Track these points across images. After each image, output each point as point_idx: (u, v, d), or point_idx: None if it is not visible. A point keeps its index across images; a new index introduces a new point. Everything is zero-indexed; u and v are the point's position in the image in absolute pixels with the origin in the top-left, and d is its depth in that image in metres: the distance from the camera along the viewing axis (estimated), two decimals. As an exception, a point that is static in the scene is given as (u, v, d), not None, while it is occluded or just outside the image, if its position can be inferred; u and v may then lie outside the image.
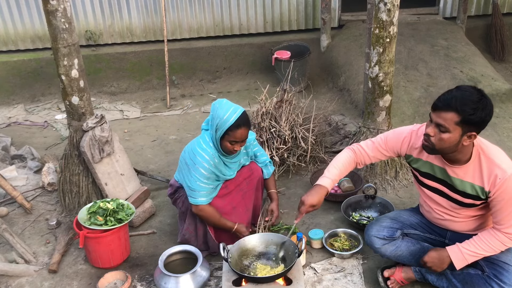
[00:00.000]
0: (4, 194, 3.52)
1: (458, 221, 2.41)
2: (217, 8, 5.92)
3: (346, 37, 5.78)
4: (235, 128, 2.56)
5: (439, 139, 2.11)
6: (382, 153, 2.49)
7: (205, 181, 2.66)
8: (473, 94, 2.05)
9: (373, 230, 2.58)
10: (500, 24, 6.04)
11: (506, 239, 2.20)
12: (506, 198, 2.13)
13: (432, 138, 2.13)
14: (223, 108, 2.59)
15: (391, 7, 3.19)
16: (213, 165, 2.67)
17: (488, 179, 2.16)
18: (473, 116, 2.02)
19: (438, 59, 5.06)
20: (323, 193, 2.39)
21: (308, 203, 2.34)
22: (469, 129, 2.06)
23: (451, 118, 2.04)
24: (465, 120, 2.03)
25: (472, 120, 2.03)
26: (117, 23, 5.85)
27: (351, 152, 2.53)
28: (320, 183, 2.41)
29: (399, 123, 4.03)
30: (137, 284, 2.74)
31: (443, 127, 2.07)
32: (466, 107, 2.02)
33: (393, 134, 2.48)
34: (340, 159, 2.50)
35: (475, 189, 2.22)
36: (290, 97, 3.92)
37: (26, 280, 2.81)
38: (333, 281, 2.69)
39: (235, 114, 2.56)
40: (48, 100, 5.55)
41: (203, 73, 5.90)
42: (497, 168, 2.13)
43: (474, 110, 2.02)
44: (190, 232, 2.86)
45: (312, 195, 2.37)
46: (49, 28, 2.92)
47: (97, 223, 2.79)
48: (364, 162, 2.53)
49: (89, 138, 3.09)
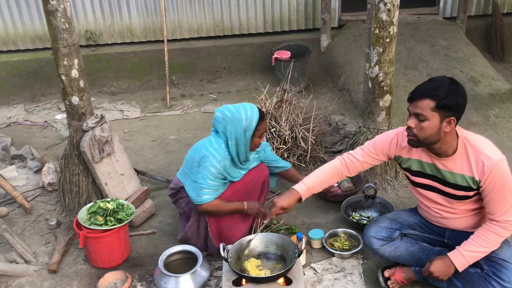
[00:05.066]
0: (4, 194, 3.52)
1: (456, 218, 2.42)
2: (217, 8, 5.92)
3: (346, 37, 5.78)
4: (261, 121, 2.67)
5: (420, 129, 2.16)
6: (372, 157, 2.52)
7: (213, 178, 2.67)
8: (444, 81, 2.15)
9: (371, 231, 2.59)
10: (500, 24, 6.04)
11: (501, 230, 2.21)
12: (497, 186, 2.17)
13: (414, 130, 2.19)
14: (238, 111, 2.65)
15: (391, 7, 3.20)
16: (223, 167, 2.68)
17: (476, 168, 2.20)
18: (447, 100, 2.10)
19: (438, 59, 5.06)
20: (295, 198, 2.45)
21: (278, 205, 2.44)
22: (446, 114, 2.13)
23: (426, 105, 2.12)
24: (441, 105, 2.10)
25: (447, 104, 2.10)
26: (117, 23, 5.85)
27: (338, 162, 2.55)
28: (294, 187, 2.48)
29: (399, 123, 4.03)
30: (137, 284, 2.74)
31: (421, 115, 2.14)
32: (439, 92, 2.10)
33: (381, 137, 2.53)
34: (324, 168, 2.55)
35: (466, 180, 2.25)
36: (290, 97, 3.92)
37: (26, 280, 2.81)
38: (333, 281, 2.69)
39: (253, 110, 2.67)
40: (48, 100, 5.56)
41: (203, 73, 5.90)
42: (483, 156, 2.18)
43: (447, 93, 2.10)
44: (192, 231, 2.85)
45: (284, 198, 2.45)
46: (49, 28, 2.92)
47: (97, 223, 2.79)
48: (356, 169, 2.55)
49: (89, 138, 3.09)
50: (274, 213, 2.46)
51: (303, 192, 2.46)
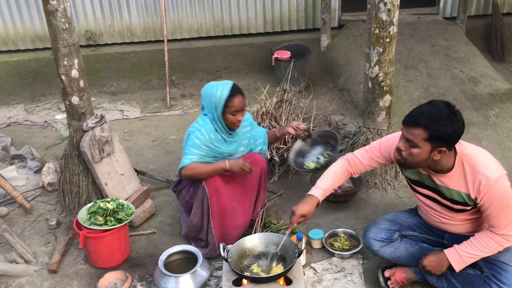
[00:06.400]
0: (4, 194, 3.52)
1: (454, 224, 2.42)
2: (217, 8, 5.92)
3: (346, 37, 5.78)
4: (231, 98, 2.72)
5: (409, 154, 2.14)
6: (376, 160, 2.52)
7: (197, 147, 2.77)
8: (443, 111, 2.06)
9: (371, 233, 2.59)
10: (500, 24, 6.04)
11: (502, 240, 2.21)
12: (495, 203, 2.14)
13: (403, 153, 2.17)
14: (212, 88, 2.77)
15: (391, 7, 3.19)
16: (208, 139, 2.78)
17: (472, 186, 2.18)
18: (441, 133, 2.05)
19: (438, 59, 5.06)
20: (314, 203, 2.44)
21: (298, 213, 2.40)
22: (437, 145, 2.09)
23: (419, 134, 2.08)
24: (433, 137, 2.06)
25: (440, 137, 2.06)
26: (117, 23, 5.85)
27: (345, 162, 2.57)
28: (311, 193, 2.47)
29: (399, 123, 4.00)
30: (137, 284, 2.74)
31: (412, 142, 2.11)
32: (435, 125, 2.04)
33: (386, 141, 2.51)
34: (333, 169, 2.55)
35: (462, 196, 2.24)
36: (290, 97, 3.92)
37: (26, 280, 2.81)
38: (333, 281, 2.69)
39: (226, 86, 2.74)
40: (48, 100, 5.56)
41: (203, 73, 5.90)
42: (480, 174, 2.14)
43: (443, 127, 2.04)
44: (197, 217, 2.86)
45: (303, 205, 2.42)
46: (49, 28, 2.92)
47: (97, 223, 2.79)
48: (359, 170, 2.57)
49: (89, 138, 3.09)
50: (295, 221, 2.41)
51: (320, 197, 2.46)
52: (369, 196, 3.48)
